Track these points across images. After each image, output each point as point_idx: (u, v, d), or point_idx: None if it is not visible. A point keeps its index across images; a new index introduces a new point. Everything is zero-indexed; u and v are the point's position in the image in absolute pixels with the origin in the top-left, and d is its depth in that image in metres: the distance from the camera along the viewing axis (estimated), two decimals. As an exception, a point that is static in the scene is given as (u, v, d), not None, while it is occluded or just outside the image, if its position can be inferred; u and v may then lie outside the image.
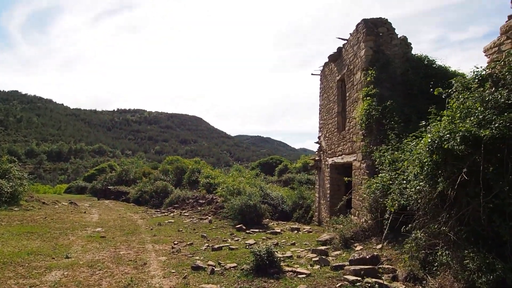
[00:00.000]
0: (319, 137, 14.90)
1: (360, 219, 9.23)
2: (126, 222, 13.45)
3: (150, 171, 32.19)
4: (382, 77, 8.96)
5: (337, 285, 4.99)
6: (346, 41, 11.24)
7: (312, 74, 15.47)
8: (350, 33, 10.80)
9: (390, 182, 6.43)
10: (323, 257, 6.36)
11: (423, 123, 5.24)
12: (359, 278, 4.95)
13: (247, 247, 8.11)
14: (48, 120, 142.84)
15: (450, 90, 4.91)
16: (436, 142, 4.05)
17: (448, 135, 3.94)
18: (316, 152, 15.08)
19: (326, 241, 7.78)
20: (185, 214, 16.47)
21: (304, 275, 5.50)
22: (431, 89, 8.85)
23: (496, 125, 3.78)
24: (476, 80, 4.42)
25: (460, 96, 4.38)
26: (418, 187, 4.57)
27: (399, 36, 9.65)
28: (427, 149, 4.17)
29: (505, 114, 3.87)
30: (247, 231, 11.55)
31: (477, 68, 4.64)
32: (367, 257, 5.55)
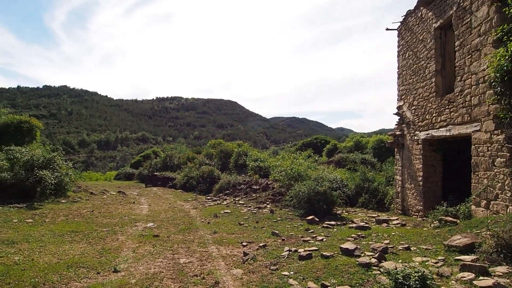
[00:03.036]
0: (399, 107, 12.15)
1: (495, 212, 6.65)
2: (178, 214, 11.90)
3: (194, 156, 31.19)
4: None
5: None
6: (453, -29, 8.30)
7: (387, 29, 12.58)
8: (462, -43, 7.86)
9: None
10: (497, 281, 4.02)
11: None
12: None
13: (346, 253, 5.93)
14: (95, 111, 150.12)
15: None
16: None
17: None
18: (396, 126, 12.37)
19: (465, 246, 5.40)
20: (239, 202, 14.68)
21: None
22: None
23: None
24: None
25: None
26: None
27: None
28: None
29: None
30: (323, 225, 9.40)
31: None
32: None
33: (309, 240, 7.54)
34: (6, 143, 15.52)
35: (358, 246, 6.24)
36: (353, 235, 7.73)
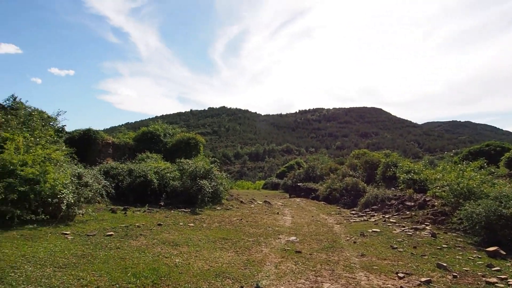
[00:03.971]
0: None
1: None
2: (321, 229, 11.32)
3: (337, 167, 30.22)
4: None
5: None
6: None
7: None
8: None
9: None
10: None
11: None
12: None
13: None
14: (247, 127, 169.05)
15: None
16: None
17: None
18: None
19: None
20: (390, 220, 12.92)
21: None
22: None
23: None
24: None
25: None
26: None
27: None
28: None
29: None
30: (515, 261, 6.97)
31: None
32: None
33: (496, 282, 5.60)
34: (179, 157, 18.65)
35: None
36: None
